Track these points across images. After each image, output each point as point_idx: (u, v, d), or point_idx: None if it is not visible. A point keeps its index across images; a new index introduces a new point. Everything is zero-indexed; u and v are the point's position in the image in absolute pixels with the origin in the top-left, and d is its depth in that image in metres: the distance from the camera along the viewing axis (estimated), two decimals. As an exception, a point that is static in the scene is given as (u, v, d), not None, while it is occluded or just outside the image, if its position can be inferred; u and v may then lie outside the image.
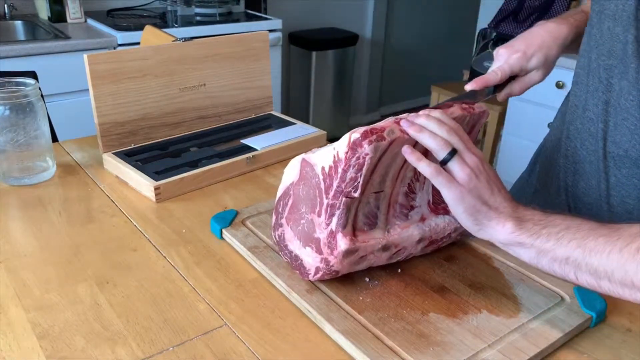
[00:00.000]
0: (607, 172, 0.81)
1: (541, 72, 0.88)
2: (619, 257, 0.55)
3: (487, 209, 0.62)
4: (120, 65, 1.05)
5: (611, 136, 0.79)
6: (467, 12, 3.83)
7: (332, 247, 0.68)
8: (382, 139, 0.63)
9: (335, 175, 0.66)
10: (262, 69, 1.28)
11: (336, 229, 0.68)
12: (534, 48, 0.86)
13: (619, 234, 0.57)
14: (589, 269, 0.57)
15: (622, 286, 0.56)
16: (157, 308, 0.71)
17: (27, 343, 0.65)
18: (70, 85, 2.08)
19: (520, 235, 0.61)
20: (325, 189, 0.68)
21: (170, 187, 0.98)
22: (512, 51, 0.86)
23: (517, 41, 0.88)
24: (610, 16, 0.77)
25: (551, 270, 0.61)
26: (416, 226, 0.75)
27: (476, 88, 0.82)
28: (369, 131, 0.63)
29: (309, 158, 0.71)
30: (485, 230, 0.63)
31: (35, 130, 1.00)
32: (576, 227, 0.59)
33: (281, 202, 0.76)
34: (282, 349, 0.65)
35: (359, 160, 0.63)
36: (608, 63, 0.78)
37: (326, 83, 3.42)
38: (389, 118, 0.67)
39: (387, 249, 0.72)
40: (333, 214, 0.68)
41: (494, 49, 0.90)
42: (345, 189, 0.66)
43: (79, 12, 2.43)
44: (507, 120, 2.61)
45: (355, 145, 0.63)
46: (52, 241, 0.85)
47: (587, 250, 0.57)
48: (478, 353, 0.62)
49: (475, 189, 0.62)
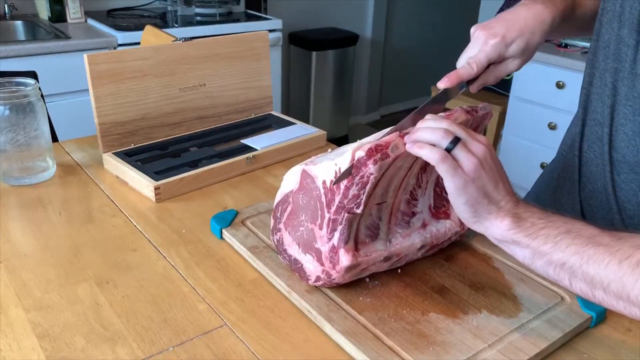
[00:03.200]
0: (613, 177, 0.80)
1: (519, 61, 0.78)
2: (618, 268, 0.53)
3: (487, 202, 0.60)
4: (120, 65, 1.05)
5: (614, 141, 0.78)
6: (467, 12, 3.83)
7: (334, 262, 0.68)
8: (386, 156, 0.61)
9: (337, 190, 0.64)
10: (262, 69, 1.28)
11: (338, 245, 0.67)
12: (515, 33, 0.76)
13: (620, 244, 0.54)
14: (585, 277, 0.55)
15: (617, 299, 0.54)
16: (157, 308, 0.71)
17: (27, 343, 0.65)
18: (70, 85, 2.08)
19: (517, 234, 0.59)
20: (326, 203, 0.67)
21: (170, 187, 0.98)
22: (490, 35, 0.75)
23: (498, 22, 0.77)
24: (617, 17, 0.75)
25: (545, 273, 0.59)
26: (417, 234, 0.74)
27: (450, 86, 0.74)
28: (374, 149, 0.61)
29: (309, 170, 0.69)
30: (482, 224, 0.61)
31: (35, 130, 1.00)
32: (576, 232, 0.57)
33: (280, 207, 0.76)
34: (282, 349, 0.65)
35: (363, 179, 0.62)
36: (614, 66, 0.76)
37: (326, 83, 3.42)
38: (393, 133, 0.64)
39: (389, 259, 0.72)
40: (335, 229, 0.67)
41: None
42: (347, 205, 0.64)
43: (79, 12, 2.43)
44: (507, 120, 2.61)
45: (360, 164, 0.62)
46: (52, 241, 0.85)
47: (585, 257, 0.55)
48: (478, 353, 0.62)
49: (479, 179, 0.59)
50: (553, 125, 2.37)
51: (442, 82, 0.74)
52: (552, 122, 2.38)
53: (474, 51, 0.76)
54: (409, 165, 0.67)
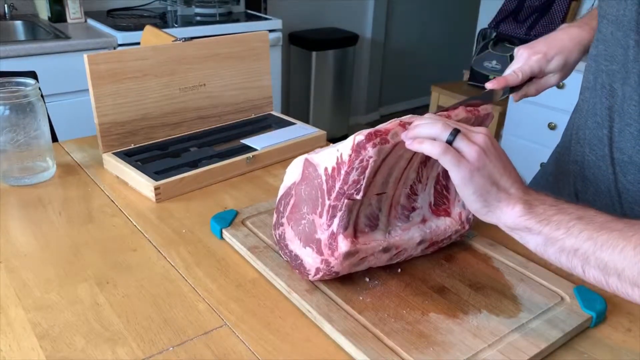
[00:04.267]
0: (616, 178, 0.80)
1: (559, 76, 0.88)
2: (633, 254, 0.52)
3: (496, 190, 0.59)
4: (120, 65, 1.05)
5: (616, 142, 0.78)
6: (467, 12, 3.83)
7: (332, 248, 0.68)
8: (386, 141, 0.63)
9: (337, 177, 0.66)
10: (262, 69, 1.28)
11: (337, 231, 0.68)
12: (555, 51, 0.87)
13: (635, 229, 0.53)
14: (599, 263, 0.54)
15: (632, 285, 0.53)
16: (157, 308, 0.71)
17: (27, 343, 0.65)
18: (70, 85, 2.08)
19: (529, 220, 0.58)
20: (327, 190, 0.68)
21: (170, 187, 0.98)
22: (533, 52, 0.86)
23: (539, 43, 0.88)
24: (612, 21, 0.76)
25: (557, 261, 0.58)
26: (417, 228, 0.75)
27: (496, 87, 0.82)
28: (373, 133, 0.62)
29: (311, 158, 0.71)
30: (494, 213, 0.60)
31: (35, 130, 1.00)
32: (589, 218, 0.56)
33: (282, 201, 0.76)
34: (282, 349, 0.65)
35: (362, 163, 0.63)
36: (611, 68, 0.77)
37: (326, 83, 3.42)
38: (394, 120, 0.65)
39: (388, 251, 0.72)
40: (335, 216, 0.67)
41: (494, 49, 0.90)
42: (347, 190, 0.65)
43: (79, 12, 2.43)
44: (507, 120, 2.61)
45: (359, 148, 0.63)
46: (52, 241, 0.85)
47: (599, 243, 0.54)
48: (478, 353, 0.62)
49: (484, 167, 0.59)
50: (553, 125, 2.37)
51: (491, 83, 0.82)
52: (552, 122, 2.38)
53: (519, 65, 0.86)
54: (409, 156, 0.68)
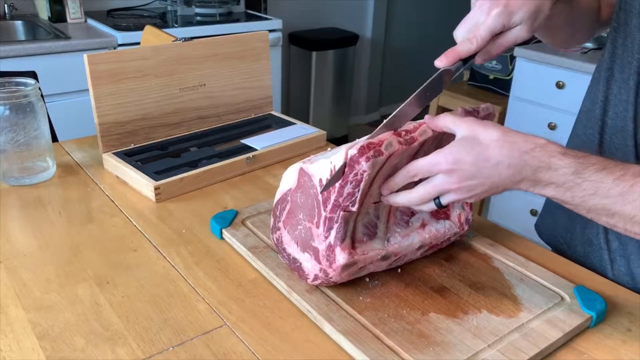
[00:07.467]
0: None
1: (526, 27, 0.67)
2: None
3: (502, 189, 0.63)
4: (120, 65, 1.05)
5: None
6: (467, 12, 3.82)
7: (330, 260, 0.68)
8: (380, 154, 0.62)
9: (332, 189, 0.65)
10: (262, 69, 1.28)
11: (334, 243, 0.67)
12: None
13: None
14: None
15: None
16: (157, 308, 0.71)
17: (27, 343, 0.65)
18: (70, 85, 2.08)
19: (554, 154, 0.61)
20: (323, 202, 0.67)
21: (170, 187, 0.98)
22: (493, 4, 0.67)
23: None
24: (636, 14, 0.76)
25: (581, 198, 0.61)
26: (416, 233, 0.74)
27: (448, 64, 0.68)
28: (366, 147, 0.61)
29: (306, 168, 0.69)
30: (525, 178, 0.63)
31: (35, 130, 1.00)
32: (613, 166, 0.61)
33: (279, 206, 0.76)
34: (282, 349, 0.65)
35: (357, 177, 0.62)
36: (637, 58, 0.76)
37: (326, 83, 3.42)
38: (387, 132, 0.65)
39: (387, 259, 0.72)
40: (331, 227, 0.67)
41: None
42: (342, 203, 0.65)
43: (79, 12, 2.43)
44: (507, 120, 2.61)
45: (353, 162, 0.62)
46: (52, 241, 0.85)
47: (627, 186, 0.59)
48: (478, 353, 0.62)
49: (473, 190, 0.63)
50: (553, 125, 2.37)
51: (440, 60, 0.69)
52: (552, 122, 2.38)
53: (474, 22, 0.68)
54: (406, 163, 0.67)
